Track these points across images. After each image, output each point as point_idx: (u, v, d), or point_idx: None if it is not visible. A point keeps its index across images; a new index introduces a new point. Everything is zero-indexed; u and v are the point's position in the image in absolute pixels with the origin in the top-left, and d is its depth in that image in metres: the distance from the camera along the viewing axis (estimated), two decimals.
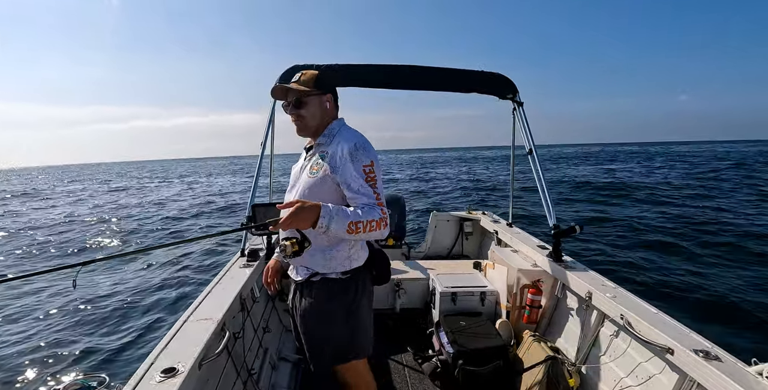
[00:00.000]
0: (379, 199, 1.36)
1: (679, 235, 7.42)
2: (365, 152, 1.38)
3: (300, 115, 1.44)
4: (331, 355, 1.50)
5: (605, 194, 13.36)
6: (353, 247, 1.48)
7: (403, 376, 2.37)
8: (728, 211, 9.91)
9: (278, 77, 2.69)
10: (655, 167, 27.32)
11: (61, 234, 10.03)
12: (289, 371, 2.37)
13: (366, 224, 1.28)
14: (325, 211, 1.24)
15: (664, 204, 11.17)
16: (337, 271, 1.45)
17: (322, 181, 1.39)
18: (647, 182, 16.47)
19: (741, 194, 12.69)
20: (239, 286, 1.98)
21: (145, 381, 1.20)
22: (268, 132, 2.70)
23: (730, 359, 1.40)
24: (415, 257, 3.80)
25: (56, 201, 19.63)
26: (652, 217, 9.23)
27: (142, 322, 4.19)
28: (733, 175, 19.84)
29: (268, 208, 2.38)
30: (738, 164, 27.19)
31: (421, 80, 2.79)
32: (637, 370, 1.76)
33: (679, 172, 22.52)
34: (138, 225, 11.19)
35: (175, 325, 1.55)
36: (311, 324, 1.49)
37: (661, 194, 12.99)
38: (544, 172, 2.61)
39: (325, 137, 1.46)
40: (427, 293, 3.01)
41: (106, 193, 23.56)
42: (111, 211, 14.53)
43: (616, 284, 2.08)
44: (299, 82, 1.44)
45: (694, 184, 15.99)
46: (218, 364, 1.63)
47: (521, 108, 2.86)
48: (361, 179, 1.35)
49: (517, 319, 2.51)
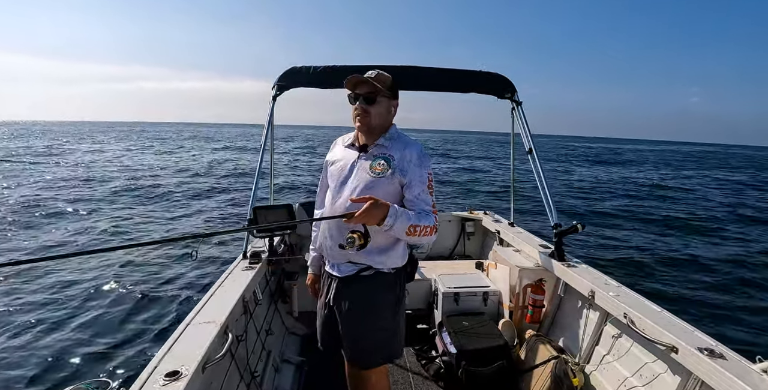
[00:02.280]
0: (435, 207, 1.46)
1: (681, 232, 7.41)
2: (428, 160, 1.48)
3: (367, 111, 1.45)
4: (382, 350, 1.54)
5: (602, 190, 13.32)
6: (405, 247, 1.58)
7: (406, 377, 2.36)
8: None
9: (277, 78, 2.70)
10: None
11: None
12: (292, 373, 2.36)
13: (422, 229, 1.37)
14: (393, 211, 1.31)
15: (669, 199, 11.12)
16: (389, 267, 1.52)
17: (388, 182, 1.43)
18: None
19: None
20: (242, 288, 1.98)
21: (148, 384, 1.20)
22: (267, 132, 2.70)
23: (734, 357, 1.39)
24: (417, 258, 3.79)
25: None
26: (656, 213, 9.21)
27: (145, 325, 4.19)
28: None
29: (269, 210, 2.38)
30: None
31: (420, 81, 2.79)
32: (642, 369, 1.76)
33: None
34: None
35: (178, 328, 1.55)
36: (365, 317, 1.52)
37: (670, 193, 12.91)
38: (544, 171, 2.61)
39: (387, 140, 1.49)
40: (429, 294, 3.01)
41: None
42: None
43: (619, 283, 2.07)
44: (377, 78, 1.45)
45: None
46: (221, 367, 1.63)
47: (520, 107, 2.86)
48: (424, 185, 1.44)
49: (520, 319, 2.51)
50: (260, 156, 2.65)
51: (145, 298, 4.79)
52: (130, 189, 12.35)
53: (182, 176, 15.84)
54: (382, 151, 1.48)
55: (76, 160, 20.85)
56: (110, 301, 4.71)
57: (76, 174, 15.49)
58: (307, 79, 2.66)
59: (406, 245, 1.59)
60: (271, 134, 2.78)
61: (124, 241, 7.17)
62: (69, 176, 14.75)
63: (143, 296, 4.81)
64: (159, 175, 16.05)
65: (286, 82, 2.67)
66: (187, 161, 22.34)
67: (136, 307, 4.58)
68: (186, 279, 5.40)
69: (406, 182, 1.43)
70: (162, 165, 19.46)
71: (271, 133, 2.77)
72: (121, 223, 8.18)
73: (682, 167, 29.29)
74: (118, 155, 24.45)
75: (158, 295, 4.90)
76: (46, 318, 4.29)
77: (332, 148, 1.67)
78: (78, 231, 7.58)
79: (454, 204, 11.08)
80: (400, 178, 1.43)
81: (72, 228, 7.73)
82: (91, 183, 13.35)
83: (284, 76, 2.67)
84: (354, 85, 1.46)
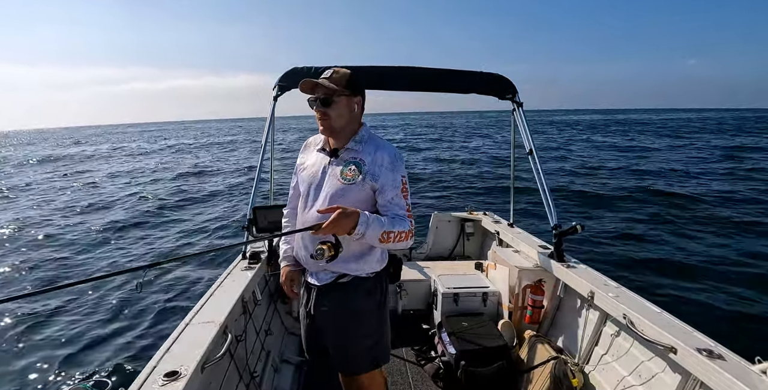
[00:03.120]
0: (409, 211, 1.42)
1: (684, 230, 7.39)
2: (401, 164, 1.43)
3: (326, 114, 1.40)
4: (369, 355, 1.52)
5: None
6: (383, 250, 1.54)
7: (405, 378, 2.36)
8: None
9: (278, 79, 2.70)
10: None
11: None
12: (292, 374, 2.36)
13: (397, 235, 1.34)
14: (363, 219, 1.27)
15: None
16: (367, 272, 1.49)
17: (359, 188, 1.39)
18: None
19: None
20: (241, 288, 1.98)
21: (147, 384, 1.20)
22: (268, 132, 2.70)
23: (733, 358, 1.39)
24: (417, 258, 3.79)
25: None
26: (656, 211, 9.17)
27: (144, 325, 4.19)
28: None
29: (269, 210, 2.38)
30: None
31: (420, 82, 2.79)
32: (641, 370, 1.76)
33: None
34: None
35: (177, 328, 1.55)
36: (346, 324, 1.50)
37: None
38: (544, 172, 2.61)
39: (357, 143, 1.45)
40: (429, 294, 3.01)
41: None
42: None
43: (618, 284, 2.07)
44: (330, 79, 1.39)
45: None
46: (221, 367, 1.63)
47: (521, 108, 2.85)
48: (397, 189, 1.40)
49: (520, 320, 2.51)
50: (260, 156, 2.65)
51: (144, 297, 4.78)
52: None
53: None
54: (352, 156, 1.43)
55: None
56: (109, 301, 4.70)
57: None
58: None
59: (384, 249, 1.54)
60: (272, 134, 2.78)
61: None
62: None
63: (143, 296, 4.81)
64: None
65: (287, 82, 2.67)
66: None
67: (135, 307, 4.58)
68: (185, 279, 5.39)
69: (378, 187, 1.39)
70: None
71: (272, 133, 2.77)
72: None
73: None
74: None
75: (158, 294, 4.90)
76: (44, 318, 4.29)
77: (303, 149, 1.61)
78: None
79: (454, 205, 11.07)
80: (372, 184, 1.39)
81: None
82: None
83: (285, 77, 2.67)
84: (311, 89, 1.41)
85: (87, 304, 4.63)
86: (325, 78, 1.40)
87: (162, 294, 4.93)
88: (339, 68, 1.43)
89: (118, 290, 4.96)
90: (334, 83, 1.38)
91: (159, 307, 4.56)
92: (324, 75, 1.41)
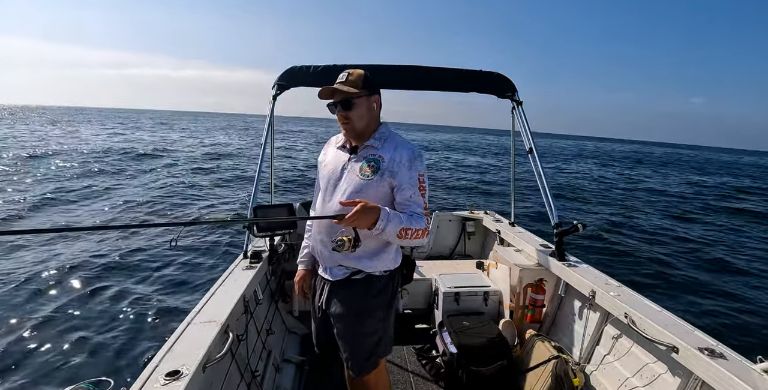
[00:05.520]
0: (427, 209, 1.44)
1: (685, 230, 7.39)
2: (421, 162, 1.45)
3: (348, 117, 1.43)
4: (376, 351, 1.54)
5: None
6: (397, 250, 1.57)
7: (406, 377, 2.37)
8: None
9: (277, 78, 2.70)
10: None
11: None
12: (293, 373, 2.37)
13: (414, 232, 1.36)
14: (384, 215, 1.29)
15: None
16: (381, 270, 1.51)
17: (378, 184, 1.41)
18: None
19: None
20: (242, 288, 1.98)
21: (149, 384, 1.20)
22: (268, 132, 2.70)
23: (735, 357, 1.39)
24: (418, 257, 3.78)
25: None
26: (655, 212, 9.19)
27: (146, 324, 4.19)
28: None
29: (269, 210, 2.38)
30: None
31: (421, 80, 2.79)
32: (642, 369, 1.76)
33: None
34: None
35: (179, 327, 1.55)
36: (355, 321, 1.52)
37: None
38: (545, 171, 2.61)
39: (377, 140, 1.47)
40: (430, 293, 3.01)
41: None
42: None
43: (619, 283, 2.07)
44: (346, 83, 1.42)
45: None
46: (222, 367, 1.63)
47: (520, 107, 2.85)
48: (415, 187, 1.41)
49: (521, 319, 2.51)
50: (261, 155, 2.65)
51: (145, 297, 4.79)
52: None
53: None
54: (371, 153, 1.46)
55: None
56: (110, 300, 4.71)
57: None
58: (307, 79, 2.66)
59: (398, 247, 1.58)
60: (272, 133, 2.78)
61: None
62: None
63: (143, 295, 4.82)
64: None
65: (287, 81, 2.67)
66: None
67: (137, 306, 4.58)
68: (186, 278, 5.40)
69: (396, 184, 1.41)
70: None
71: (272, 132, 2.77)
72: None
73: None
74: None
75: (159, 294, 4.90)
76: (45, 317, 4.30)
77: (325, 148, 1.65)
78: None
79: (453, 204, 11.08)
80: (390, 180, 1.41)
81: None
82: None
83: (284, 76, 2.67)
84: (329, 95, 1.45)
85: (87, 304, 4.64)
86: (341, 82, 1.43)
87: (163, 293, 4.94)
88: (353, 69, 1.45)
89: (119, 290, 4.98)
90: (351, 86, 1.41)
91: (160, 307, 4.57)
92: (340, 79, 1.44)
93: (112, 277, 5.34)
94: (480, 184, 12.66)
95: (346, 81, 1.42)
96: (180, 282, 5.29)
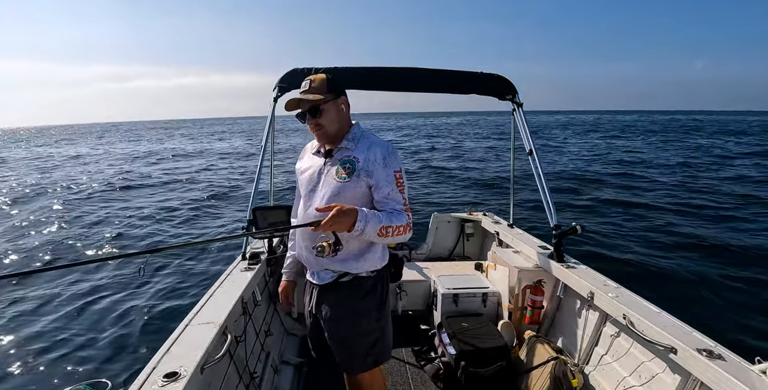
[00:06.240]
0: (406, 205, 1.43)
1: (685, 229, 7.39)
2: (395, 158, 1.44)
3: (319, 124, 1.43)
4: (372, 351, 1.53)
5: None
6: (383, 248, 1.56)
7: (405, 378, 2.36)
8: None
9: (278, 80, 2.70)
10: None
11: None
12: (292, 375, 2.36)
13: (395, 229, 1.35)
14: (361, 216, 1.29)
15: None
16: (367, 270, 1.51)
17: (355, 185, 1.41)
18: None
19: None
20: (241, 289, 1.98)
21: (147, 385, 1.20)
22: (268, 134, 2.70)
23: (733, 358, 1.39)
24: (416, 259, 3.79)
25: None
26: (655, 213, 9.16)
27: (144, 326, 4.18)
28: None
29: (268, 211, 2.38)
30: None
31: (420, 82, 2.79)
32: (640, 370, 1.76)
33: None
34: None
35: (177, 329, 1.55)
36: (347, 323, 1.51)
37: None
38: (544, 172, 2.62)
39: (350, 141, 1.47)
40: (428, 295, 3.01)
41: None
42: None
43: (618, 284, 2.07)
44: (310, 90, 1.41)
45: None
46: (220, 368, 1.63)
47: (521, 108, 2.86)
48: (392, 184, 1.41)
49: (519, 320, 2.51)
50: (261, 156, 2.65)
51: (143, 298, 4.78)
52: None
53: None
54: (346, 154, 1.45)
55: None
56: (108, 302, 4.70)
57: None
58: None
59: (384, 247, 1.57)
60: (272, 135, 2.78)
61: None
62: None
63: (142, 296, 4.80)
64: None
65: (288, 83, 2.68)
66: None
67: (135, 307, 4.57)
68: (185, 280, 5.39)
69: (373, 183, 1.41)
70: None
71: (272, 135, 2.78)
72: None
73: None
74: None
75: (157, 295, 4.89)
76: (43, 319, 4.28)
77: (301, 155, 1.65)
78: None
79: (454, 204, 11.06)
80: (367, 180, 1.41)
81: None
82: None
83: (285, 78, 2.67)
84: (295, 106, 1.44)
85: (85, 305, 4.63)
86: (304, 91, 1.42)
87: (161, 294, 4.93)
88: (314, 75, 1.44)
89: (117, 290, 4.96)
90: (316, 93, 1.40)
91: (158, 308, 4.56)
92: (303, 88, 1.43)
93: (110, 278, 5.34)
94: (480, 183, 12.67)
95: (309, 89, 1.41)
96: (178, 283, 5.28)
